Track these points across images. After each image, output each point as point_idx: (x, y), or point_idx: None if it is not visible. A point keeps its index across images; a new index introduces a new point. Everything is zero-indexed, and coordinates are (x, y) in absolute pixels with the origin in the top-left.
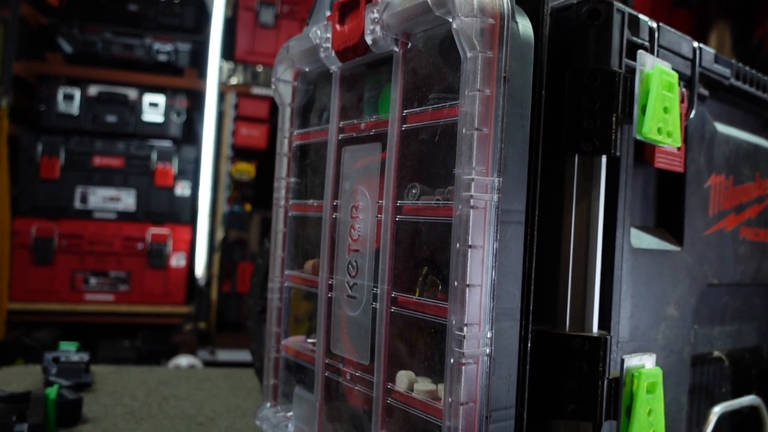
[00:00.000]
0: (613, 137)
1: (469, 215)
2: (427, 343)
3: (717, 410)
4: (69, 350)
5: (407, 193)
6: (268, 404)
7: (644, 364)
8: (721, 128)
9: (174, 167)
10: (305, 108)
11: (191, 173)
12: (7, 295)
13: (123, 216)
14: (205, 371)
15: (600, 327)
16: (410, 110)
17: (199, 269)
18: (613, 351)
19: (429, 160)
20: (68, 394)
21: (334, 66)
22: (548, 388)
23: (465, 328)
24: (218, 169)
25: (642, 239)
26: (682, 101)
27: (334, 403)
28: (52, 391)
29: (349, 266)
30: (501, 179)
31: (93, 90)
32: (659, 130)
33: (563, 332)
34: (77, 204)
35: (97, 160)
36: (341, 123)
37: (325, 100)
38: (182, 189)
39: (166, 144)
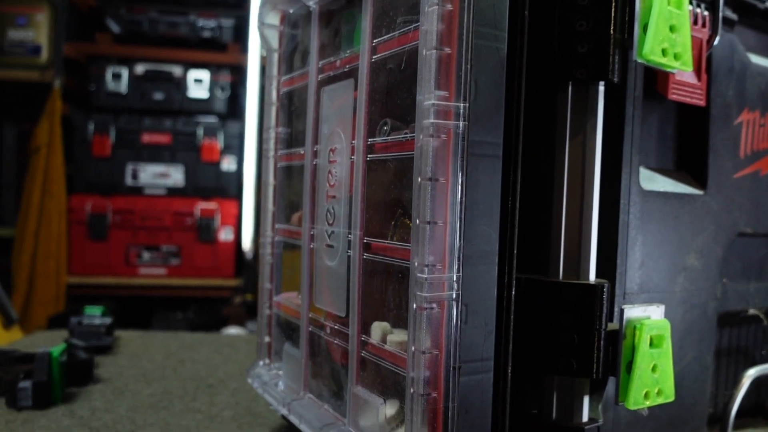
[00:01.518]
0: (610, 60)
1: (429, 145)
2: (398, 291)
3: (751, 373)
4: (93, 314)
5: (379, 130)
6: (261, 362)
7: (649, 315)
8: (756, 59)
9: (220, 142)
10: (292, 54)
11: (236, 148)
12: (67, 270)
13: (172, 191)
14: (228, 337)
15: (601, 275)
16: (379, 39)
17: (246, 243)
18: (618, 302)
19: (399, 91)
20: (81, 354)
21: (312, 1)
22: (540, 342)
23: (426, 270)
24: (262, 144)
25: (655, 181)
26: (703, 25)
27: (317, 359)
28: (56, 350)
29: (328, 214)
30: (467, 105)
31: (140, 68)
32: (664, 52)
33: (556, 280)
34: (128, 180)
35: (146, 137)
36: (320, 63)
37: (308, 41)
38: (228, 164)
39: (212, 119)
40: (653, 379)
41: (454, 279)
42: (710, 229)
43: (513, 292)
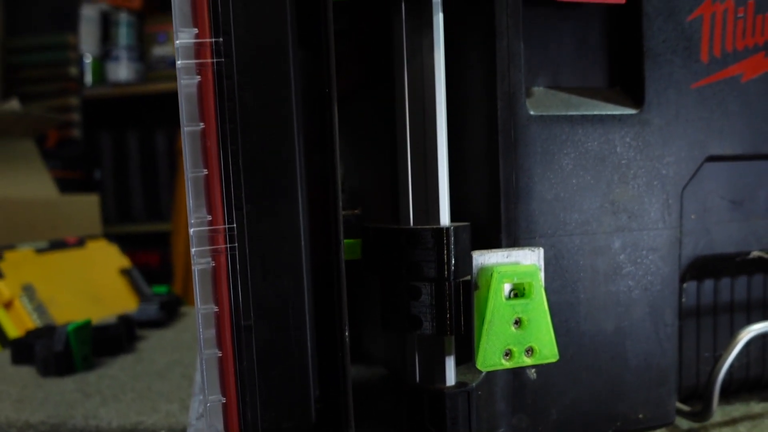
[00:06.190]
0: None
1: (186, 86)
2: None
3: (752, 329)
4: (158, 293)
5: None
6: None
7: (519, 260)
8: None
9: None
10: None
11: None
12: None
13: None
14: None
15: (489, 220)
16: None
17: None
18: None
19: None
20: (117, 327)
21: None
22: (391, 297)
23: (194, 223)
24: None
25: (555, 102)
26: None
27: None
28: (73, 325)
29: None
30: (224, 40)
31: None
32: None
33: (405, 227)
34: None
35: None
36: None
37: None
38: None
39: None
40: (516, 335)
41: (227, 230)
42: (655, 155)
43: (339, 244)
